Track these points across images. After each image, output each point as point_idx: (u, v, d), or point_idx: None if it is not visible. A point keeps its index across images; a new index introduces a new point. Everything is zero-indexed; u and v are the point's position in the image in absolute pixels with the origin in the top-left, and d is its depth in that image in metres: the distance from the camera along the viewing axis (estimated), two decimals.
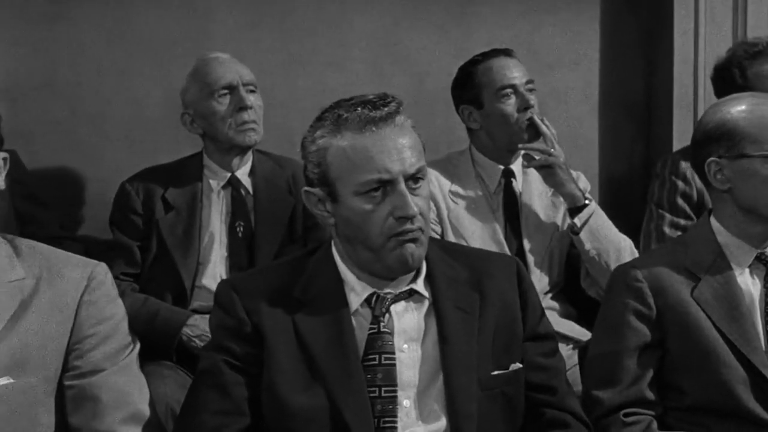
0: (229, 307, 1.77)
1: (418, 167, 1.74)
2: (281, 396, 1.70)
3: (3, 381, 1.63)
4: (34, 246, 1.80)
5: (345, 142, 1.73)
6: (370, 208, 1.72)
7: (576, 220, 2.69)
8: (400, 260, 1.74)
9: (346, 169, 1.73)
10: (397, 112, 1.76)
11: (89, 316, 1.72)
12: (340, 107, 1.77)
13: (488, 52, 2.81)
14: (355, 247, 1.78)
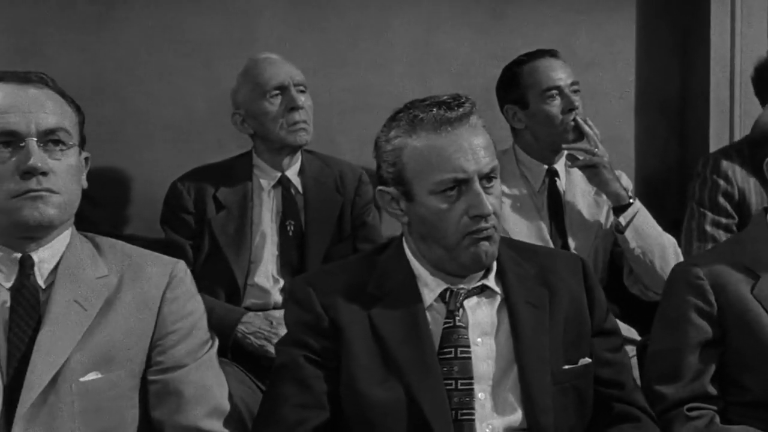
0: (305, 303, 1.80)
1: (492, 166, 1.78)
2: (360, 389, 1.74)
3: (92, 376, 1.67)
4: (115, 244, 1.84)
5: (421, 142, 1.77)
6: (446, 206, 1.76)
7: (621, 218, 2.72)
8: (475, 258, 1.78)
9: (422, 168, 1.76)
10: (471, 112, 1.80)
11: (171, 313, 1.76)
12: (415, 108, 1.81)
13: (534, 52, 2.84)
14: (429, 244, 1.81)
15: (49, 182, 1.66)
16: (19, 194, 1.64)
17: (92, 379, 1.67)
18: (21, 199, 1.64)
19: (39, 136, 1.66)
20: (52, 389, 1.63)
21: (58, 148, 1.69)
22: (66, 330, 1.67)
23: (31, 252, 1.71)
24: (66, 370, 1.64)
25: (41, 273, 1.72)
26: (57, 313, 1.67)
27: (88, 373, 1.67)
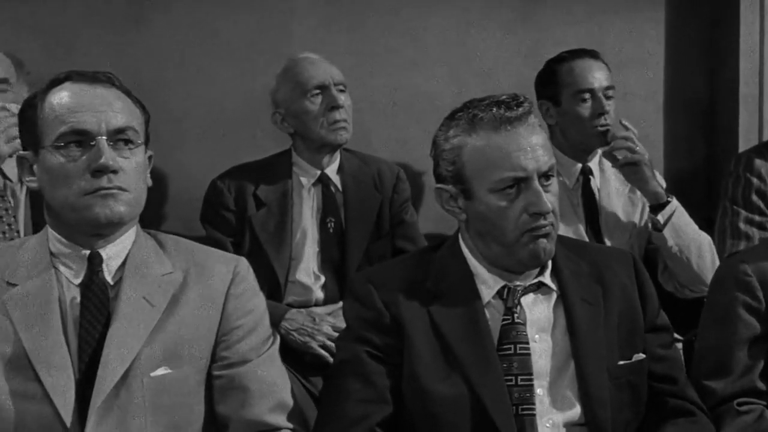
0: (366, 300, 1.83)
1: (550, 165, 1.81)
2: (424, 385, 1.76)
3: (161, 371, 1.69)
4: (177, 241, 1.86)
5: (481, 140, 1.79)
6: (505, 204, 1.78)
7: (659, 216, 2.74)
8: (533, 255, 1.80)
9: (482, 167, 1.79)
10: (530, 111, 1.82)
11: (236, 309, 1.78)
12: (474, 107, 1.83)
13: (576, 51, 2.87)
14: (486, 242, 1.84)
15: (119, 180, 1.68)
16: (90, 192, 1.67)
17: (162, 374, 1.69)
18: (92, 196, 1.67)
19: (109, 134, 1.69)
20: (124, 384, 1.65)
21: (126, 146, 1.71)
22: (135, 326, 1.69)
23: (99, 249, 1.74)
24: (136, 366, 1.67)
25: (109, 270, 1.74)
26: (126, 309, 1.70)
27: (158, 369, 1.69)
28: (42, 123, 1.70)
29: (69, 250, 1.73)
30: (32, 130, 1.71)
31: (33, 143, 1.72)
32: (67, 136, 1.67)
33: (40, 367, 1.64)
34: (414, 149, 3.33)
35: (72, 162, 1.67)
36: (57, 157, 1.68)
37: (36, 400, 1.63)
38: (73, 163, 1.67)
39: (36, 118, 1.71)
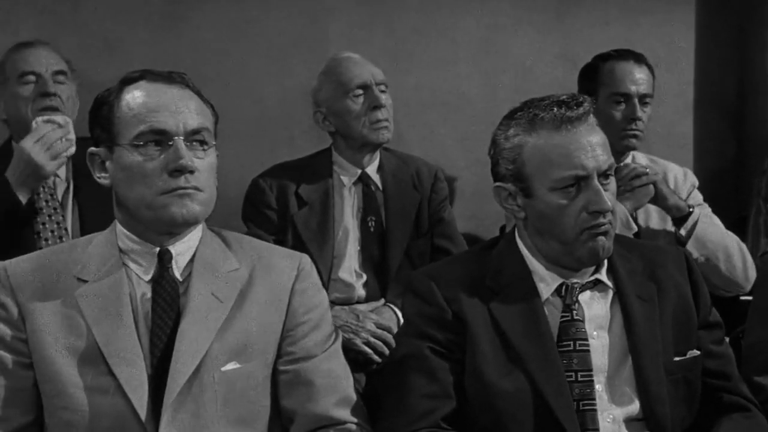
0: (428, 296, 1.86)
1: (609, 164, 1.84)
2: (487, 380, 1.79)
3: (231, 366, 1.72)
4: (241, 238, 1.89)
5: (541, 140, 1.82)
6: (565, 202, 1.81)
7: (681, 230, 2.75)
8: (592, 252, 1.83)
9: (542, 165, 1.82)
10: (590, 111, 1.84)
11: (301, 305, 1.81)
12: (534, 107, 1.85)
13: (623, 52, 2.88)
14: (545, 239, 1.87)
15: (195, 180, 1.71)
16: (168, 191, 1.69)
17: (232, 368, 1.72)
18: (169, 196, 1.69)
19: (186, 135, 1.72)
20: (196, 378, 1.68)
21: (201, 147, 1.74)
22: (205, 321, 1.72)
23: (169, 246, 1.77)
24: (208, 360, 1.70)
25: (178, 266, 1.77)
26: (196, 305, 1.73)
27: (228, 363, 1.72)
28: (118, 121, 1.72)
29: (139, 247, 1.76)
30: (107, 127, 1.74)
31: (107, 140, 1.74)
32: (145, 135, 1.70)
33: (113, 362, 1.67)
34: (447, 149, 3.37)
35: (150, 161, 1.70)
36: (134, 156, 1.70)
37: (109, 394, 1.66)
38: (150, 162, 1.70)
39: (112, 115, 1.73)
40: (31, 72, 2.69)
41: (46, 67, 2.70)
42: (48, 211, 2.63)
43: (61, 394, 1.67)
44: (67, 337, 1.69)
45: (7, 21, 3.08)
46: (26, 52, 2.71)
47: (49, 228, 2.61)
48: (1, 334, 1.70)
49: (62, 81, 2.72)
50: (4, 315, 1.71)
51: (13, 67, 2.70)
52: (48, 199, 2.65)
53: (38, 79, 2.69)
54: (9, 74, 2.71)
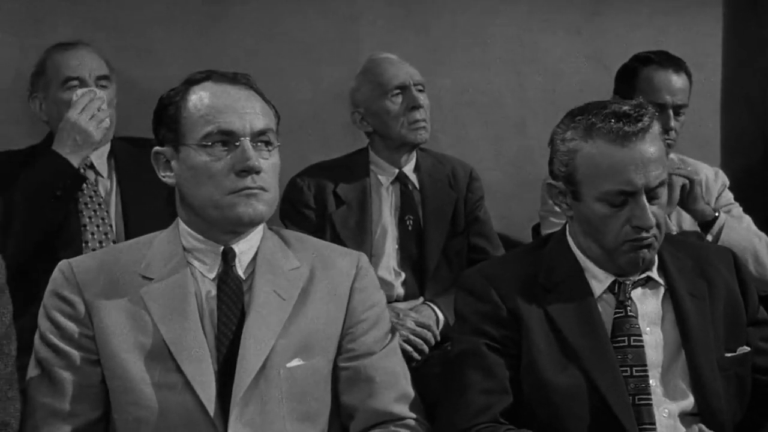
0: (483, 294, 1.89)
1: (661, 180, 1.84)
2: (544, 376, 1.82)
3: (295, 362, 1.75)
4: (300, 237, 1.92)
5: (596, 149, 1.83)
6: (609, 213, 1.84)
7: (708, 236, 2.77)
8: (632, 263, 1.87)
9: (593, 174, 1.84)
10: (650, 126, 1.83)
11: (360, 302, 1.84)
12: (594, 114, 1.85)
13: (663, 58, 2.86)
14: (590, 242, 1.90)
15: (261, 180, 1.74)
16: (235, 191, 1.72)
17: (296, 365, 1.75)
18: (236, 195, 1.72)
19: (252, 136, 1.74)
20: (262, 374, 1.71)
21: (266, 148, 1.77)
22: (269, 319, 1.75)
23: (233, 244, 1.79)
24: (273, 357, 1.72)
25: (241, 264, 1.80)
26: (260, 303, 1.76)
27: (292, 360, 1.75)
28: (185, 121, 1.75)
29: (203, 245, 1.79)
30: (173, 127, 1.76)
31: (173, 140, 1.77)
32: (213, 135, 1.73)
33: (181, 359, 1.69)
34: (478, 149, 3.39)
35: (217, 161, 1.72)
36: (202, 156, 1.73)
37: (177, 390, 1.69)
38: (217, 162, 1.72)
39: (179, 115, 1.76)
40: (76, 78, 2.68)
41: (90, 71, 2.71)
42: (93, 206, 2.66)
43: (129, 391, 1.70)
44: (134, 335, 1.72)
45: (43, 23, 3.10)
46: (68, 55, 2.71)
47: (94, 222, 2.65)
48: (69, 332, 1.73)
49: (105, 85, 2.73)
50: (71, 312, 1.74)
51: (56, 71, 2.70)
52: (92, 194, 2.68)
53: (82, 85, 2.69)
54: (51, 78, 2.71)
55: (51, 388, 1.71)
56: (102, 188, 2.71)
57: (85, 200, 2.66)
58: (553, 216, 2.92)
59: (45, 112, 2.74)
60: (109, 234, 2.65)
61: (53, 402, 1.71)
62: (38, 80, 2.73)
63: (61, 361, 1.72)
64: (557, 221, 2.89)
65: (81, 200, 2.66)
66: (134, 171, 2.72)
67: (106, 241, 2.64)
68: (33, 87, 2.75)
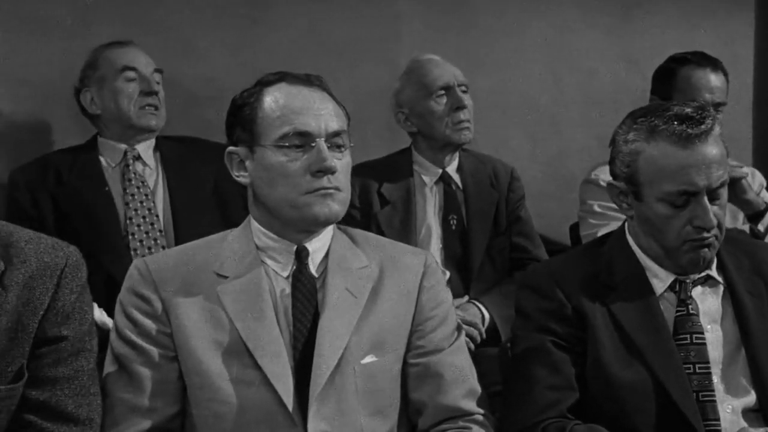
0: (548, 292, 1.93)
1: (722, 180, 1.87)
2: (609, 372, 1.86)
3: (368, 359, 1.79)
4: (367, 236, 1.96)
5: (658, 151, 1.86)
6: (671, 213, 1.87)
7: (760, 226, 2.79)
8: (692, 262, 1.91)
9: (655, 176, 1.87)
10: (712, 129, 1.87)
11: (429, 300, 1.87)
12: (657, 116, 1.88)
13: (700, 58, 2.92)
14: (650, 241, 1.94)
15: (336, 180, 1.77)
16: (311, 191, 1.75)
17: (370, 361, 1.78)
18: (312, 195, 1.75)
19: (327, 137, 1.78)
20: (338, 371, 1.74)
21: (339, 149, 1.80)
22: (343, 316, 1.78)
23: (306, 243, 1.83)
24: (348, 354, 1.76)
25: (313, 263, 1.83)
26: (333, 301, 1.79)
27: (366, 356, 1.78)
28: (261, 121, 1.78)
29: (277, 244, 1.82)
30: (249, 128, 1.79)
31: (248, 140, 1.80)
32: (289, 137, 1.76)
33: (258, 355, 1.73)
34: (514, 149, 3.43)
35: (292, 161, 1.75)
36: (278, 156, 1.76)
37: (254, 386, 1.72)
38: (293, 163, 1.75)
39: (254, 116, 1.79)
40: (133, 68, 2.75)
41: (146, 65, 2.78)
42: (140, 197, 2.70)
43: (207, 387, 1.73)
44: (211, 332, 1.75)
45: (87, 23, 3.13)
46: (124, 50, 2.78)
47: (140, 214, 2.68)
48: (147, 328, 1.76)
49: (159, 80, 2.80)
50: (148, 309, 1.77)
51: (112, 63, 2.75)
52: (139, 185, 2.72)
53: (139, 76, 2.75)
54: (106, 71, 2.76)
55: (130, 383, 1.75)
56: (149, 179, 2.76)
57: (132, 191, 2.71)
58: (591, 217, 2.97)
59: (98, 105, 2.78)
60: (156, 224, 2.69)
61: (132, 397, 1.74)
62: (91, 74, 2.78)
63: (140, 358, 1.75)
64: (596, 222, 2.93)
65: (128, 191, 2.70)
66: (179, 164, 2.78)
67: (152, 232, 2.68)
68: (84, 82, 2.80)
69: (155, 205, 2.73)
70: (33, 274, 1.64)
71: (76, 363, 1.67)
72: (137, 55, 2.79)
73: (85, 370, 1.68)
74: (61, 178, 2.70)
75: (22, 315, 1.62)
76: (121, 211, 2.70)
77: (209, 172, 2.77)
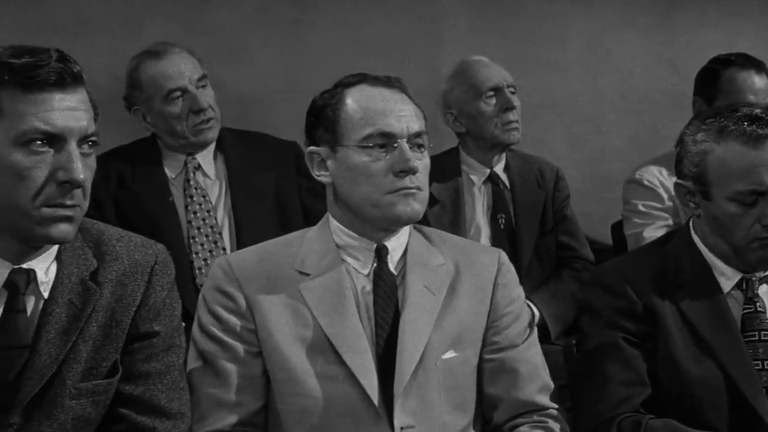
0: (618, 290, 1.96)
1: None
2: (681, 368, 1.90)
3: (449, 354, 1.83)
4: (440, 234, 2.00)
5: (727, 151, 1.91)
6: (740, 212, 1.91)
7: None
8: (761, 260, 1.95)
9: (724, 175, 1.91)
10: None
11: (503, 297, 1.91)
12: (725, 117, 1.93)
13: (744, 59, 2.95)
14: (717, 240, 1.97)
15: (417, 180, 1.81)
16: (394, 191, 1.79)
17: (450, 357, 1.82)
18: (395, 195, 1.79)
19: (409, 137, 1.82)
20: (421, 366, 1.78)
21: (420, 149, 1.84)
22: (423, 313, 1.82)
23: (385, 241, 1.86)
24: (429, 349, 1.80)
25: (392, 260, 1.87)
26: (414, 298, 1.83)
27: (447, 352, 1.82)
28: (344, 122, 1.82)
29: (357, 242, 1.86)
30: (331, 128, 1.83)
31: (330, 141, 1.83)
32: (373, 137, 1.80)
33: (342, 350, 1.76)
34: (555, 149, 3.46)
35: (376, 162, 1.79)
36: (361, 156, 1.80)
37: (339, 381, 1.76)
38: (376, 163, 1.79)
39: (337, 117, 1.82)
40: (177, 89, 2.69)
41: (189, 78, 2.70)
42: (202, 214, 2.72)
43: (293, 382, 1.77)
44: (295, 328, 1.79)
45: (133, 25, 3.17)
46: (163, 65, 2.70)
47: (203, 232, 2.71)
48: (231, 325, 1.80)
49: (204, 85, 2.75)
50: (233, 306, 1.81)
51: (155, 85, 2.70)
52: (201, 201, 2.74)
53: (184, 94, 2.69)
54: (151, 93, 2.71)
55: (216, 379, 1.78)
56: (211, 193, 2.77)
57: (194, 208, 2.72)
58: (636, 216, 3.00)
59: (152, 125, 2.76)
60: (219, 242, 2.70)
61: (218, 392, 1.78)
62: (137, 95, 2.74)
63: (225, 354, 1.79)
64: (640, 221, 2.96)
65: (189, 207, 2.72)
66: (241, 171, 2.79)
67: (216, 250, 2.69)
68: (131, 101, 2.76)
69: (218, 222, 2.73)
70: (125, 271, 1.68)
71: (167, 358, 1.71)
72: (178, 70, 2.70)
73: (175, 365, 1.72)
74: (124, 182, 2.72)
75: (116, 311, 1.66)
76: (184, 225, 2.71)
77: (270, 180, 2.80)
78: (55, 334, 1.59)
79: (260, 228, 2.67)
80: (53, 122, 1.52)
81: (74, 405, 1.61)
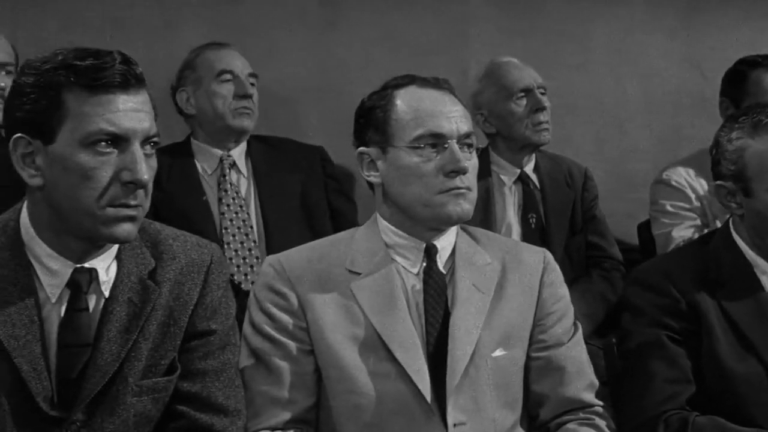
0: (662, 289, 1.99)
1: None
2: (725, 365, 1.92)
3: (499, 352, 1.85)
4: (486, 234, 2.02)
5: (764, 144, 1.94)
6: None
7: None
8: None
9: (763, 169, 1.94)
10: None
11: (550, 296, 1.94)
12: (759, 112, 1.97)
13: None
14: (762, 236, 2.00)
15: (467, 181, 1.84)
16: (444, 191, 1.82)
17: (500, 354, 1.85)
18: (446, 195, 1.82)
19: (459, 138, 1.84)
20: (472, 363, 1.81)
21: (469, 149, 1.87)
22: (472, 311, 1.85)
23: (434, 241, 1.89)
24: (480, 347, 1.82)
25: (441, 260, 1.89)
26: (463, 296, 1.85)
27: (496, 350, 1.85)
28: (395, 123, 1.84)
29: (406, 242, 1.89)
30: (382, 129, 1.86)
31: (380, 141, 1.86)
32: (424, 138, 1.82)
33: (394, 348, 1.79)
34: (579, 150, 3.48)
35: (426, 162, 1.82)
36: (412, 157, 1.83)
37: (391, 379, 1.79)
38: (427, 163, 1.82)
39: (387, 118, 1.85)
40: (229, 71, 2.80)
41: (242, 68, 2.83)
42: (235, 208, 2.75)
43: (346, 379, 1.79)
44: (346, 326, 1.82)
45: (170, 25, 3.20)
46: (222, 52, 2.83)
47: (236, 224, 2.74)
48: (284, 323, 1.83)
49: (254, 83, 2.85)
50: (285, 305, 1.84)
51: (210, 65, 2.81)
52: (234, 196, 2.77)
53: (235, 80, 2.80)
54: (203, 73, 2.81)
55: (269, 377, 1.81)
56: (242, 188, 2.81)
57: (228, 201, 2.76)
58: (664, 216, 3.02)
59: (194, 105, 2.83)
60: (250, 235, 2.74)
61: (271, 390, 1.80)
62: (188, 75, 2.84)
63: (278, 351, 1.81)
64: (668, 221, 2.99)
65: (224, 200, 2.75)
66: (269, 173, 2.84)
67: (247, 242, 2.73)
68: (180, 82, 2.86)
69: (249, 217, 2.77)
70: (182, 270, 1.71)
71: (223, 356, 1.74)
72: (234, 58, 2.84)
73: (231, 363, 1.75)
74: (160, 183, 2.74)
75: (174, 310, 1.69)
76: (217, 220, 2.75)
77: (297, 181, 2.84)
78: (117, 332, 1.62)
79: (289, 229, 2.73)
80: (118, 123, 1.54)
81: (135, 402, 1.64)
